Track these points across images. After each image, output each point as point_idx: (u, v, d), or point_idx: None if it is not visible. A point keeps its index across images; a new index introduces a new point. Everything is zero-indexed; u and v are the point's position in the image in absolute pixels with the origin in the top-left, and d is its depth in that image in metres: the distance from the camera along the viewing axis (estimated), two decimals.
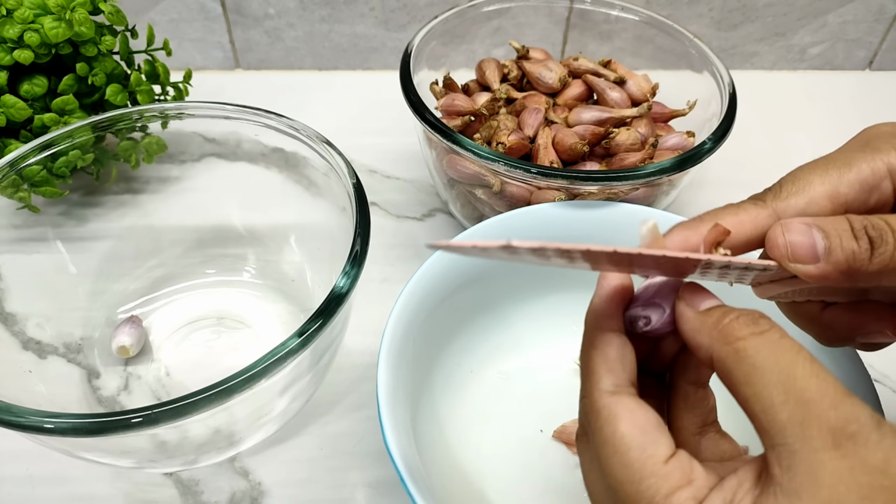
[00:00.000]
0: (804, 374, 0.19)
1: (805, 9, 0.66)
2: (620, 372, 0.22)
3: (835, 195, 0.23)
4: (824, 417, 0.18)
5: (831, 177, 0.24)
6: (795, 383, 0.19)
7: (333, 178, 0.39)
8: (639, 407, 0.22)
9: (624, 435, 0.21)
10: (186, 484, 0.38)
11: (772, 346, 0.20)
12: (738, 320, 0.21)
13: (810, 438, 0.18)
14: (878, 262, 0.21)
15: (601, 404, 0.22)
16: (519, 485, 0.37)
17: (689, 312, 0.22)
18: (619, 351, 0.23)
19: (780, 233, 0.22)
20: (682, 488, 0.20)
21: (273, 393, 0.34)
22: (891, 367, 0.45)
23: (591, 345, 0.23)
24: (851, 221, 0.22)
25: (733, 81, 0.48)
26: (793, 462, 0.18)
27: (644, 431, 0.21)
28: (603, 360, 0.23)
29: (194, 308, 0.45)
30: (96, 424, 0.27)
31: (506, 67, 0.53)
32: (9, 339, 0.38)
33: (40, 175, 0.41)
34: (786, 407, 0.18)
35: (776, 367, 0.19)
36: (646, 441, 0.21)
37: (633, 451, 0.21)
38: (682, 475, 0.20)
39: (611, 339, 0.23)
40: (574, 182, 0.40)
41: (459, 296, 0.38)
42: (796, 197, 0.24)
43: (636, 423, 0.21)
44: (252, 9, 0.64)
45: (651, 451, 0.20)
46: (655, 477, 0.20)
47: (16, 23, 0.43)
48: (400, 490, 0.38)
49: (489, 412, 0.39)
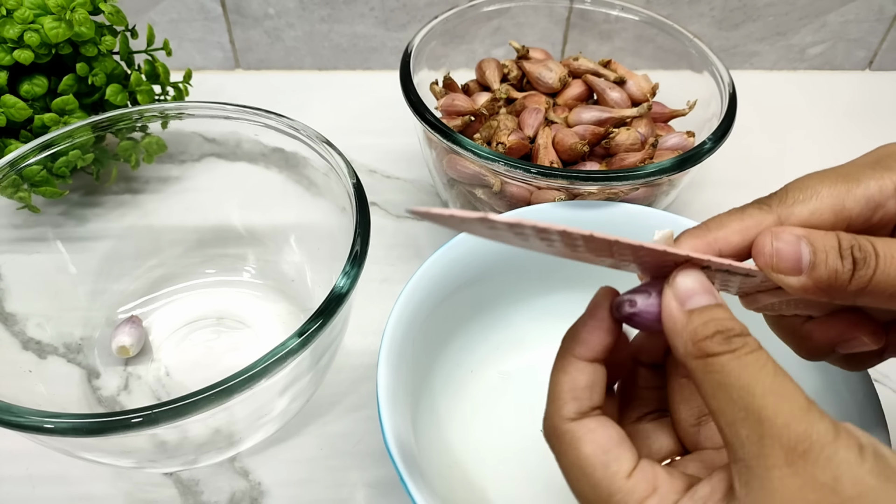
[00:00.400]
0: (763, 391, 0.19)
1: (805, 8, 0.66)
2: (586, 400, 0.23)
3: (840, 209, 0.23)
4: (778, 436, 0.18)
5: (839, 189, 0.23)
6: (754, 401, 0.19)
7: (333, 178, 0.39)
8: (599, 426, 0.22)
9: (588, 456, 0.22)
10: (186, 484, 0.38)
11: (738, 362, 0.20)
12: (713, 338, 0.21)
13: (765, 456, 0.18)
14: (856, 283, 0.22)
15: (563, 429, 0.23)
16: (519, 485, 0.37)
17: (675, 309, 0.22)
18: (589, 379, 0.23)
19: (768, 240, 0.23)
20: (648, 498, 0.21)
21: (273, 393, 0.34)
22: (891, 367, 0.45)
23: (562, 369, 0.24)
24: (840, 239, 0.22)
25: (733, 81, 0.48)
26: (750, 478, 0.19)
27: (605, 450, 0.22)
28: (570, 387, 0.23)
29: (194, 308, 0.45)
30: (96, 424, 0.27)
31: (506, 67, 0.53)
32: (9, 339, 0.38)
33: (40, 175, 0.41)
34: (745, 424, 0.19)
35: (738, 383, 0.20)
36: (608, 459, 0.22)
37: (597, 470, 0.22)
38: (646, 485, 0.21)
39: (583, 368, 0.23)
40: (574, 182, 0.40)
41: (459, 296, 0.38)
42: (802, 205, 0.23)
43: (597, 442, 0.22)
44: (252, 9, 0.64)
45: (615, 468, 0.21)
46: (622, 493, 0.21)
47: (16, 23, 0.43)
48: (400, 490, 0.38)
49: (489, 412, 0.39)
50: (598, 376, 0.23)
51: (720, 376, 0.20)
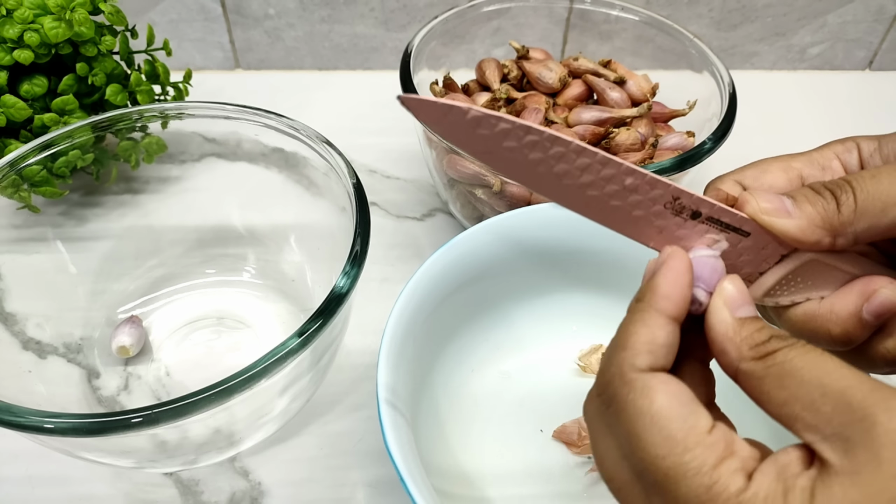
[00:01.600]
0: (835, 366, 0.19)
1: (805, 9, 0.66)
2: (662, 358, 0.21)
3: (787, 168, 0.26)
4: (865, 398, 0.18)
5: (783, 157, 0.26)
6: (830, 376, 0.19)
7: (333, 178, 0.39)
8: (672, 379, 0.21)
9: (663, 406, 0.20)
10: (186, 484, 0.38)
11: (800, 351, 0.20)
12: (770, 341, 0.21)
13: (862, 419, 0.18)
14: (845, 209, 0.22)
15: (632, 377, 0.21)
16: (519, 485, 0.37)
17: (726, 316, 0.22)
18: (670, 338, 0.21)
19: (748, 194, 0.24)
20: (727, 459, 0.19)
21: (273, 393, 0.34)
22: None
23: (641, 320, 0.22)
24: (811, 185, 0.24)
25: (733, 81, 0.48)
26: (848, 447, 0.18)
27: (682, 403, 0.20)
28: (649, 339, 0.21)
29: (194, 308, 0.45)
30: (96, 424, 0.27)
31: (506, 67, 0.53)
32: (9, 339, 0.38)
33: (40, 175, 0.41)
34: (827, 399, 0.19)
35: (809, 368, 0.19)
36: (686, 412, 0.20)
37: (674, 422, 0.20)
38: (725, 446, 0.20)
39: (664, 324, 0.21)
40: None
41: (459, 296, 0.38)
42: (752, 169, 0.26)
43: (674, 394, 0.20)
44: (252, 9, 0.64)
45: (693, 422, 0.20)
46: (701, 447, 0.19)
47: (16, 23, 0.43)
48: (400, 490, 0.38)
49: (489, 412, 0.39)
50: (675, 339, 0.22)
51: (786, 365, 0.20)
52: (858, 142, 0.26)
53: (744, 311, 0.22)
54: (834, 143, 0.27)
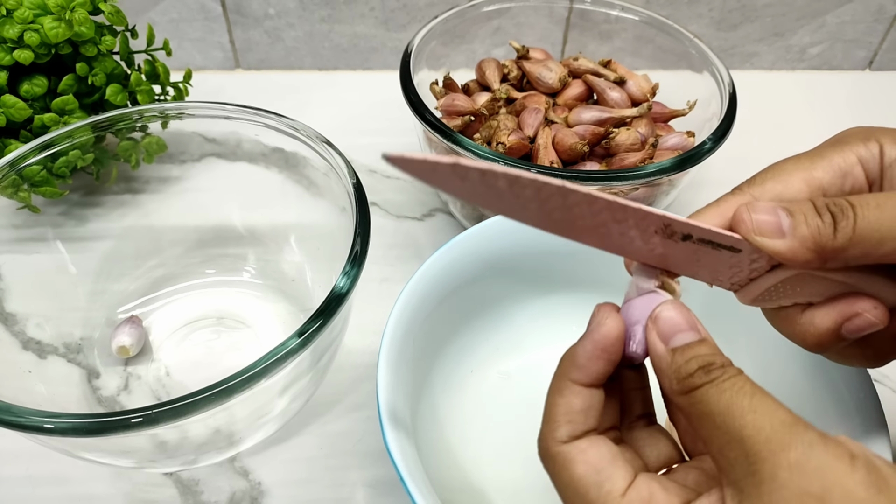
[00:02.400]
0: (741, 411, 0.19)
1: (804, 9, 0.66)
2: (580, 424, 0.23)
3: (810, 179, 0.25)
4: (760, 451, 0.19)
5: (804, 164, 0.25)
6: (734, 422, 0.19)
7: (333, 178, 0.39)
8: (590, 446, 0.22)
9: (581, 477, 0.22)
10: (186, 484, 0.38)
11: (716, 389, 0.20)
12: (694, 375, 0.21)
13: (752, 473, 0.19)
14: (841, 235, 0.22)
15: (555, 451, 0.23)
16: (519, 484, 0.37)
17: (660, 349, 0.22)
18: (585, 403, 0.23)
19: (744, 210, 0.23)
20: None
21: (273, 393, 0.34)
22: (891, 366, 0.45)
23: (559, 391, 0.24)
24: (815, 201, 0.23)
25: (733, 81, 0.48)
26: (741, 498, 0.19)
27: (598, 470, 0.22)
28: (566, 410, 0.23)
29: (194, 308, 0.45)
30: (96, 424, 0.27)
31: (506, 67, 0.53)
32: (9, 339, 0.38)
33: (40, 175, 0.41)
34: (731, 446, 0.19)
35: (717, 409, 0.20)
36: (601, 479, 0.22)
37: (590, 491, 0.22)
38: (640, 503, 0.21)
39: (579, 391, 0.23)
40: (574, 182, 0.40)
41: (459, 296, 0.38)
42: (773, 182, 0.25)
43: (590, 462, 0.22)
44: (252, 9, 0.64)
45: (608, 488, 0.21)
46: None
47: (16, 23, 0.43)
48: (400, 490, 0.38)
49: (489, 412, 0.39)
50: (594, 400, 0.23)
51: (702, 406, 0.20)
52: (882, 143, 0.25)
53: (680, 339, 0.22)
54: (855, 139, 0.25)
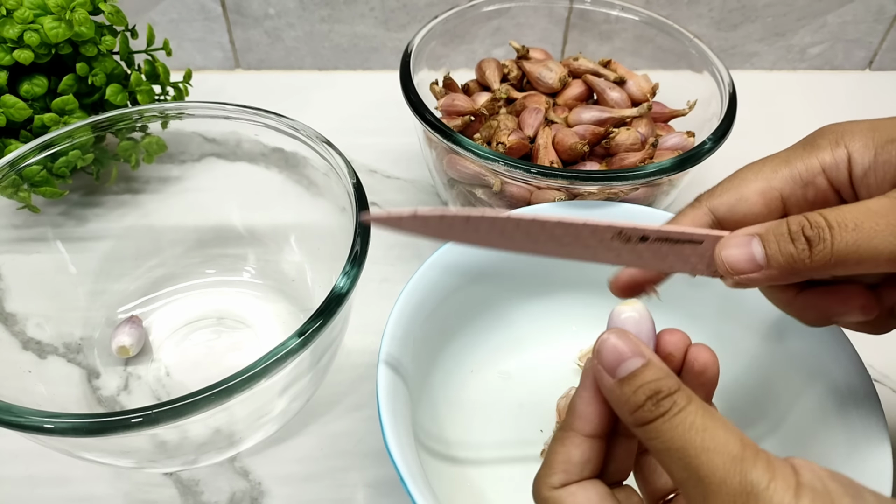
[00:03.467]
0: (696, 451, 0.20)
1: (805, 9, 0.66)
2: (575, 475, 0.23)
3: (767, 190, 0.25)
4: (717, 492, 0.19)
5: (765, 173, 0.25)
6: (691, 462, 0.20)
7: (333, 178, 0.39)
8: (579, 490, 0.23)
9: None
10: (186, 484, 0.38)
11: (668, 425, 0.21)
12: (644, 406, 0.21)
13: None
14: (818, 259, 0.22)
15: (545, 496, 0.23)
16: (519, 484, 0.37)
17: (607, 382, 0.23)
18: (585, 456, 0.23)
19: (718, 254, 0.24)
20: None
21: (273, 393, 0.34)
22: (891, 367, 0.45)
23: (560, 440, 0.24)
24: (789, 224, 0.23)
25: (733, 81, 0.48)
26: None
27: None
28: (564, 459, 0.23)
29: (194, 308, 0.45)
30: (96, 424, 0.27)
31: (506, 67, 0.53)
32: (9, 339, 0.38)
33: (40, 175, 0.41)
34: (690, 483, 0.20)
35: (674, 447, 0.20)
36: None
37: None
38: None
39: (580, 443, 0.24)
40: (574, 182, 0.40)
41: (459, 296, 0.38)
42: (728, 193, 0.25)
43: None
44: (252, 9, 0.64)
45: None
46: None
47: (16, 23, 0.43)
48: (400, 490, 0.38)
49: (489, 412, 0.39)
50: (594, 452, 0.24)
51: (659, 442, 0.21)
52: (851, 152, 0.25)
53: (625, 368, 0.22)
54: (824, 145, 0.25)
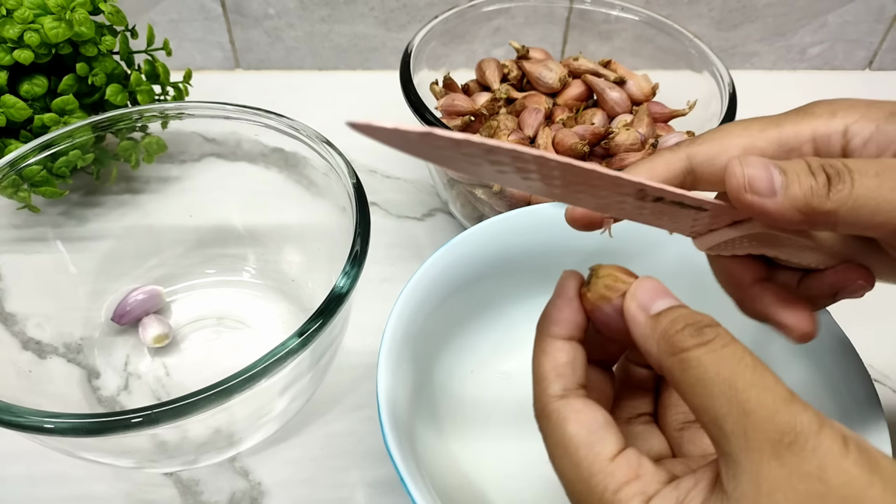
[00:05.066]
0: (745, 384, 0.19)
1: (805, 9, 0.66)
2: (570, 376, 0.23)
3: (750, 148, 0.24)
4: (763, 428, 0.18)
5: (751, 131, 0.24)
6: (737, 395, 0.19)
7: (333, 178, 0.39)
8: (585, 407, 0.22)
9: (572, 436, 0.22)
10: (186, 484, 0.38)
11: (715, 356, 0.20)
12: (683, 331, 0.21)
13: (751, 449, 0.18)
14: (836, 198, 0.21)
15: (550, 408, 0.23)
16: (519, 484, 0.37)
17: (641, 316, 0.22)
18: (569, 356, 0.23)
19: (737, 163, 0.22)
20: (629, 483, 0.20)
21: (273, 393, 0.34)
22: (891, 367, 0.45)
23: (542, 350, 0.24)
24: (809, 161, 0.22)
25: (733, 81, 0.48)
26: (737, 471, 0.19)
27: (591, 431, 0.22)
28: (553, 365, 0.23)
29: (194, 308, 0.45)
30: (96, 424, 0.27)
31: (506, 67, 0.53)
32: (9, 339, 0.38)
33: (40, 175, 0.41)
34: (729, 418, 0.19)
35: (718, 378, 0.19)
36: (592, 440, 0.21)
37: (580, 450, 0.21)
38: (628, 471, 0.21)
39: (561, 346, 0.24)
40: None
41: (460, 295, 0.38)
42: (710, 144, 0.24)
43: (583, 423, 0.22)
44: (252, 9, 0.64)
45: (598, 449, 0.21)
46: (603, 474, 0.21)
47: (16, 23, 0.43)
48: (400, 490, 0.38)
49: (489, 412, 0.39)
50: (577, 353, 0.24)
51: (698, 372, 0.20)
52: (847, 124, 0.24)
53: (659, 305, 0.22)
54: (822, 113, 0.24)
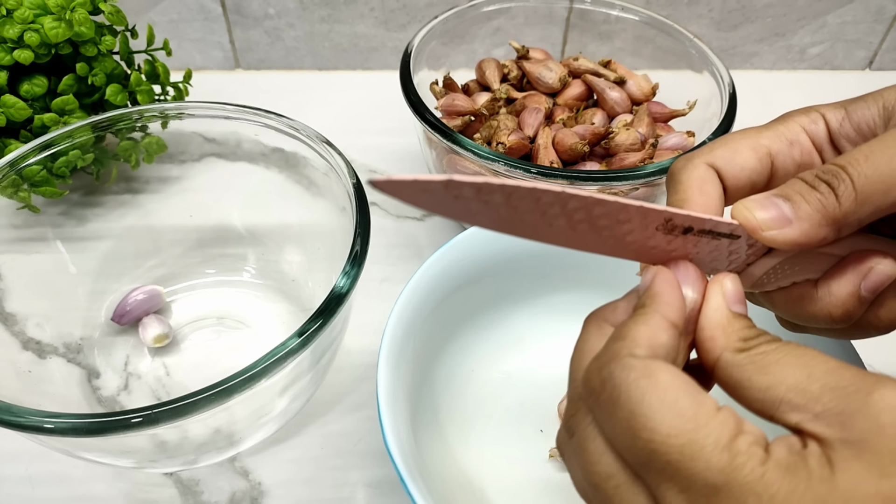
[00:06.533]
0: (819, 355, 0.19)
1: (805, 9, 0.66)
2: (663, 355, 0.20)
3: (756, 146, 0.25)
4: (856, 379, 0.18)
5: (750, 134, 0.26)
6: (815, 362, 0.19)
7: (333, 178, 0.39)
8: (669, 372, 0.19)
9: (670, 384, 0.19)
10: (186, 484, 0.38)
11: (783, 345, 0.20)
12: (760, 337, 0.21)
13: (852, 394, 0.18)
14: (845, 199, 0.21)
15: (633, 363, 0.19)
16: (519, 484, 0.37)
17: (723, 306, 0.22)
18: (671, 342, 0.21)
19: (742, 208, 0.23)
20: (741, 434, 0.18)
21: (273, 393, 0.34)
22: (891, 367, 0.45)
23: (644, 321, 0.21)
24: (803, 177, 0.22)
25: (733, 81, 0.48)
26: (844, 419, 0.18)
27: (688, 382, 0.19)
28: (650, 336, 0.20)
29: (194, 308, 0.45)
30: (96, 424, 0.27)
31: (506, 67, 0.53)
32: (9, 339, 0.38)
33: (40, 175, 0.41)
34: (814, 380, 0.19)
35: (792, 357, 0.19)
36: (694, 390, 0.19)
37: (683, 398, 0.18)
38: (736, 424, 0.19)
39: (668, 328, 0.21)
40: (574, 182, 0.40)
41: (459, 296, 0.38)
42: (721, 149, 0.25)
43: (677, 374, 0.19)
44: (252, 9, 0.64)
45: (701, 400, 0.19)
46: (715, 422, 0.18)
47: (16, 23, 0.43)
48: (400, 490, 0.38)
49: (489, 412, 0.39)
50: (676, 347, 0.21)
51: (769, 355, 0.20)
52: (823, 112, 0.26)
53: (738, 308, 0.22)
54: (797, 113, 0.26)
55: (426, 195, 0.18)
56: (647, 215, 0.21)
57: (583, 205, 0.20)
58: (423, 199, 0.18)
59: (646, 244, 0.23)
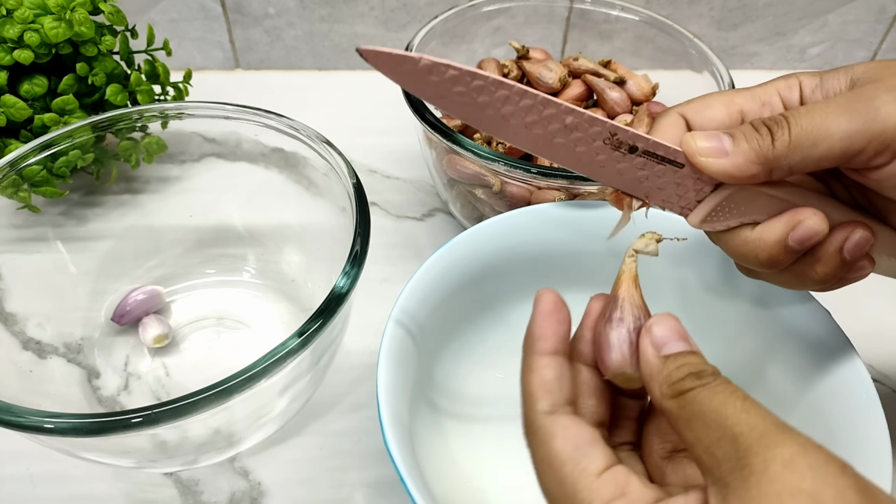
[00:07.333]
0: (735, 411, 0.20)
1: (805, 9, 0.66)
2: (557, 392, 0.23)
3: (730, 102, 0.28)
4: (753, 447, 0.19)
5: (727, 93, 0.28)
6: (727, 421, 0.20)
7: (333, 178, 0.39)
8: (573, 423, 0.22)
9: (558, 451, 0.22)
10: (186, 484, 0.38)
11: (708, 391, 0.21)
12: (685, 379, 0.21)
13: (741, 468, 0.19)
14: (779, 144, 0.24)
15: (538, 425, 0.23)
16: (519, 484, 0.37)
17: (651, 356, 0.23)
18: (556, 372, 0.24)
19: (689, 136, 0.26)
20: (614, 500, 0.21)
21: (273, 393, 0.34)
22: (891, 367, 0.45)
23: (529, 368, 0.24)
24: (752, 122, 0.25)
25: (733, 81, 0.48)
26: (727, 493, 0.19)
27: (577, 447, 0.22)
28: (540, 382, 0.23)
29: (194, 308, 0.45)
30: (96, 424, 0.27)
31: (506, 67, 0.53)
32: (9, 339, 0.38)
33: (40, 175, 0.41)
34: (721, 444, 0.19)
35: (710, 408, 0.20)
36: (578, 456, 0.22)
37: (566, 465, 0.21)
38: (615, 488, 0.21)
39: (548, 363, 0.24)
40: (574, 182, 0.40)
41: (459, 296, 0.38)
42: (695, 102, 0.28)
43: (569, 439, 0.22)
44: (252, 8, 0.64)
45: (584, 465, 0.21)
46: (588, 491, 0.21)
47: (16, 23, 0.43)
48: (400, 490, 0.38)
49: (489, 412, 0.39)
50: (563, 369, 0.24)
51: (693, 407, 0.21)
52: (801, 79, 0.28)
53: (672, 348, 0.23)
54: (778, 79, 0.28)
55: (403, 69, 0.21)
56: (593, 124, 0.24)
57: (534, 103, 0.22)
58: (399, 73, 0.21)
59: (595, 158, 0.25)
